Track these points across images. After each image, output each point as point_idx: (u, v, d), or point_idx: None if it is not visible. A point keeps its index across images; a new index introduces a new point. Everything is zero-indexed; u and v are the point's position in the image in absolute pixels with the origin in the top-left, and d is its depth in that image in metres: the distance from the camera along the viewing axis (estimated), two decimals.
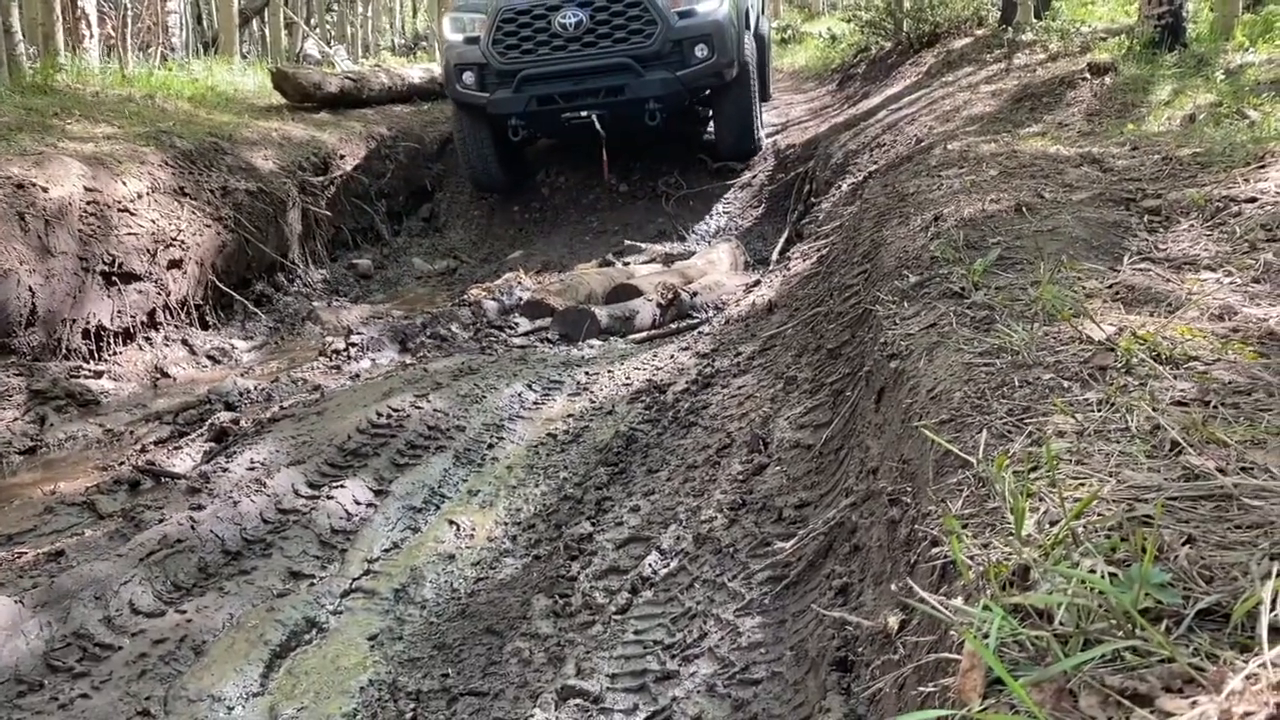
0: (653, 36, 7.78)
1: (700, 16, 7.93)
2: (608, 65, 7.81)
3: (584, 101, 7.91)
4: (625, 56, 7.79)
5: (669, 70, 7.89)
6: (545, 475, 3.54)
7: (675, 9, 7.85)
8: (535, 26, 7.82)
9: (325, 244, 8.27)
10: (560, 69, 7.84)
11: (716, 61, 8.00)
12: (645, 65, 7.83)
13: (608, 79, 7.85)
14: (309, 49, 14.38)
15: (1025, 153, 4.64)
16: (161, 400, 5.71)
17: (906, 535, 1.85)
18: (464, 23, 8.18)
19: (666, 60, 7.90)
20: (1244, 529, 1.29)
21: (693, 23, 7.90)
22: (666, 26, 7.79)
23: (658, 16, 7.76)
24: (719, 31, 7.95)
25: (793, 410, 3.22)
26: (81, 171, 6.25)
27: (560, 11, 7.75)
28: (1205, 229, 3.33)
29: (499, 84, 7.96)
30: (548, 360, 4.73)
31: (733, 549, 2.57)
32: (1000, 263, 2.89)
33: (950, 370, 2.09)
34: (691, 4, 7.93)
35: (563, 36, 7.78)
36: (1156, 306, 2.50)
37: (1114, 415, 1.68)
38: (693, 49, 7.91)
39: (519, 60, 7.88)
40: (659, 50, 7.82)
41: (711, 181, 9.19)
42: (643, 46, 7.80)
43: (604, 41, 7.81)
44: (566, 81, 7.86)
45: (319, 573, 2.95)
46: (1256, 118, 5.96)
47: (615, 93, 7.88)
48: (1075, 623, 1.09)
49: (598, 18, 7.77)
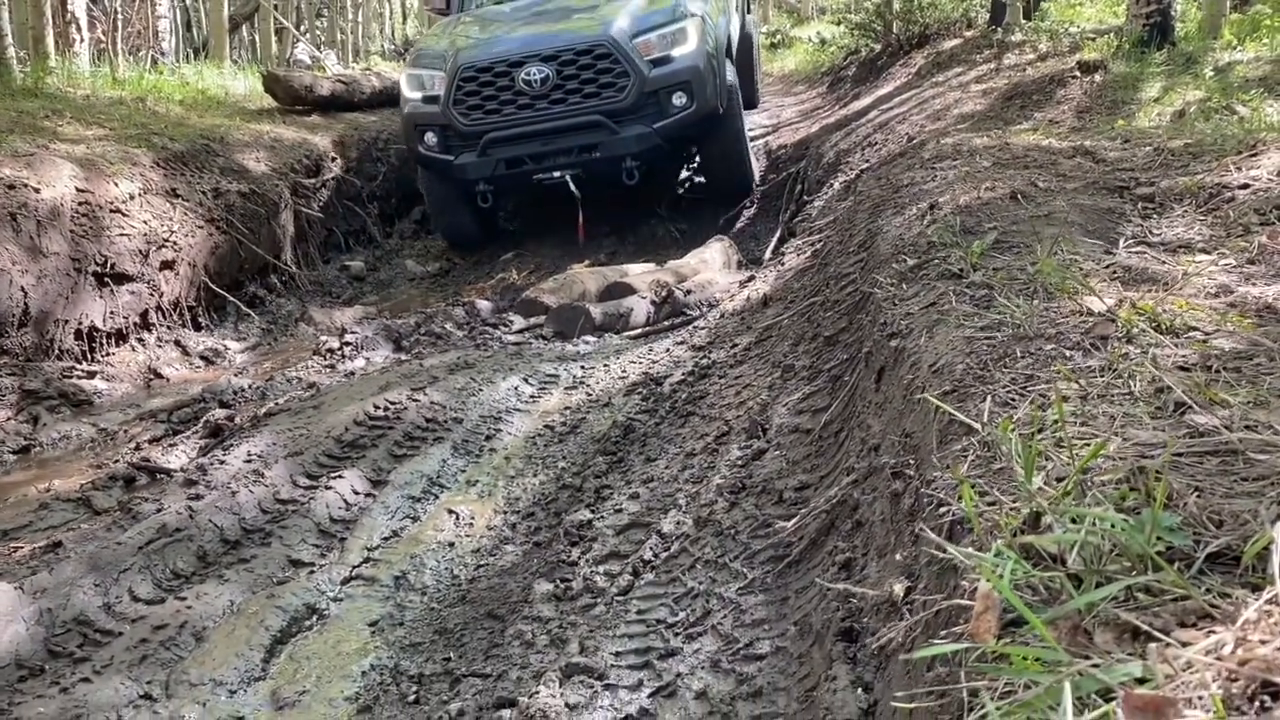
0: (625, 90, 7.15)
1: (676, 63, 7.28)
2: (578, 124, 7.21)
3: (555, 162, 7.34)
4: (596, 113, 7.18)
5: (645, 124, 7.25)
6: (543, 465, 3.54)
7: (648, 57, 7.21)
8: (498, 85, 7.22)
9: (318, 246, 8.26)
10: (528, 129, 7.25)
11: (697, 110, 7.36)
12: (619, 120, 7.21)
13: (579, 137, 7.26)
14: (299, 54, 14.38)
15: (1018, 146, 4.66)
16: (155, 400, 5.69)
17: (911, 506, 1.86)
18: (422, 80, 7.65)
19: (642, 114, 7.27)
20: (1251, 480, 1.30)
21: (668, 70, 7.26)
22: (640, 78, 7.15)
23: (629, 68, 7.12)
24: (698, 77, 7.33)
25: (790, 397, 3.23)
26: (73, 173, 6.23)
27: (524, 68, 7.13)
28: (1199, 214, 3.35)
29: (463, 147, 7.39)
30: (543, 355, 4.74)
31: (734, 531, 2.58)
32: (997, 246, 2.91)
33: (951, 345, 2.10)
34: (666, 49, 7.27)
35: (528, 94, 7.17)
36: (1154, 285, 2.51)
37: (1117, 380, 1.69)
38: (670, 98, 7.29)
39: (483, 121, 7.28)
40: (633, 104, 7.20)
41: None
42: (615, 101, 7.17)
43: (573, 98, 7.19)
44: (535, 142, 7.28)
45: (319, 561, 2.95)
46: (1245, 113, 6.00)
47: (588, 151, 7.30)
48: (1087, 564, 1.10)
49: (564, 73, 7.15)
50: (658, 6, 7.44)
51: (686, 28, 7.29)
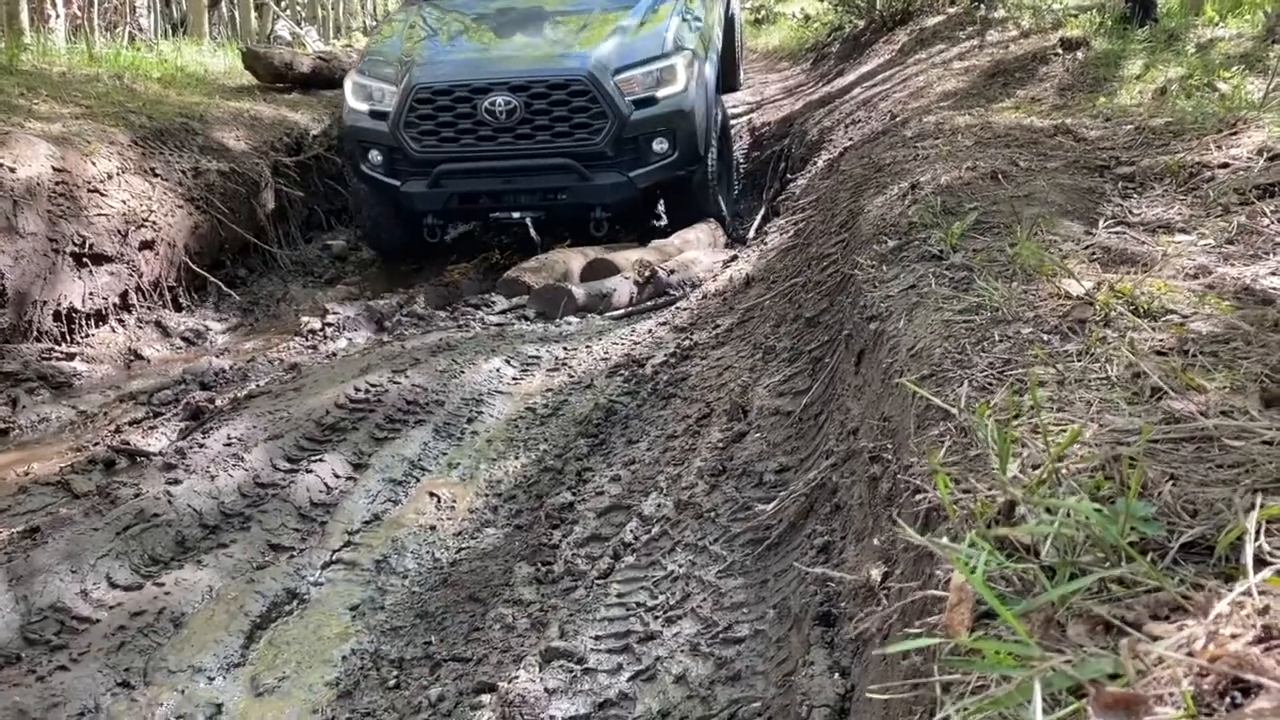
0: (602, 132, 6.28)
1: (662, 105, 6.41)
2: (545, 165, 6.34)
3: (516, 202, 6.52)
4: (567, 154, 6.30)
5: (621, 172, 6.38)
6: (525, 448, 3.53)
7: (631, 96, 6.35)
8: (457, 111, 6.34)
9: (299, 225, 8.19)
10: (487, 164, 6.41)
11: (680, 158, 6.54)
12: (592, 165, 6.33)
13: (545, 179, 6.40)
14: (280, 30, 14.24)
15: (1000, 124, 4.65)
16: (135, 382, 5.65)
17: (888, 490, 1.86)
18: (370, 91, 6.78)
19: (618, 159, 6.40)
20: (1226, 468, 1.30)
21: (653, 113, 6.40)
22: (619, 120, 6.27)
23: (608, 108, 6.24)
24: (684, 123, 6.48)
25: (772, 379, 3.23)
26: (49, 152, 6.16)
27: (488, 96, 6.24)
28: (1179, 194, 3.35)
29: (412, 173, 6.55)
30: (525, 337, 4.72)
31: (714, 513, 2.58)
32: (977, 226, 2.90)
33: (930, 328, 2.10)
34: (651, 89, 6.41)
35: (490, 125, 6.29)
36: (1133, 266, 2.51)
37: (1094, 365, 1.69)
38: (651, 145, 6.45)
39: (437, 150, 6.42)
40: (609, 148, 6.33)
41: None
42: (589, 143, 6.29)
43: (541, 135, 6.31)
44: (495, 178, 6.44)
45: (299, 545, 2.93)
46: (1227, 89, 6.00)
47: (554, 195, 6.47)
48: (1061, 555, 1.10)
49: (534, 106, 6.25)
50: (649, 32, 6.67)
51: (676, 65, 6.49)
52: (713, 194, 7.15)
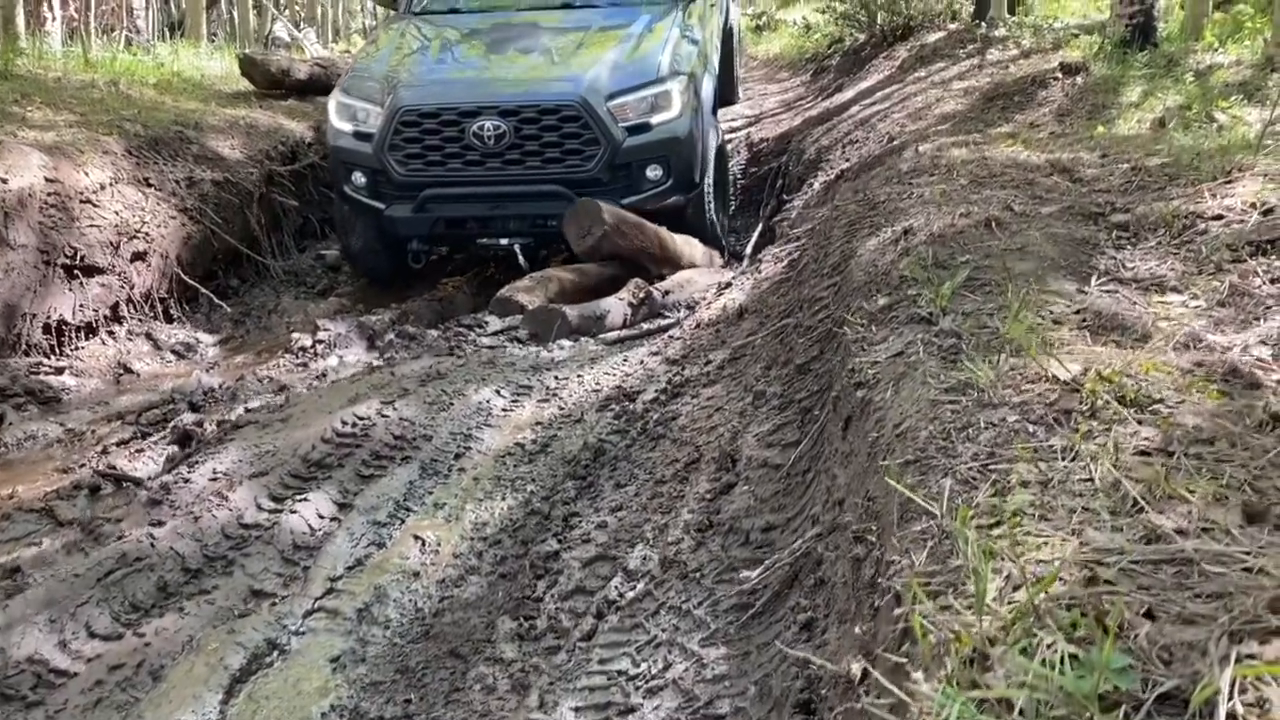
0: (594, 159, 6.13)
1: (656, 132, 6.26)
2: (535, 191, 6.21)
3: (504, 228, 6.39)
4: (557, 181, 6.16)
5: (612, 199, 6.21)
6: (512, 488, 3.51)
7: (624, 122, 6.19)
8: (444, 134, 6.19)
9: (293, 234, 8.17)
10: (475, 189, 6.26)
11: (674, 186, 6.39)
12: (583, 192, 6.17)
13: (534, 206, 6.26)
14: (278, 31, 14.19)
15: (996, 160, 4.64)
16: (124, 397, 5.63)
17: (871, 577, 1.85)
18: (354, 111, 6.56)
19: (610, 186, 6.24)
20: (1204, 599, 1.29)
21: (647, 140, 6.25)
22: (612, 146, 6.13)
23: (600, 134, 6.09)
24: (678, 150, 6.35)
25: (761, 427, 3.22)
26: (42, 162, 6.13)
27: (476, 119, 6.09)
28: (1172, 247, 3.35)
29: (397, 197, 6.39)
30: (516, 364, 4.70)
31: (699, 574, 2.57)
32: (969, 283, 2.89)
33: (916, 406, 2.09)
34: (645, 115, 6.25)
35: (479, 150, 6.14)
36: (1123, 335, 2.51)
37: (1078, 466, 1.68)
38: (644, 172, 6.31)
39: (423, 173, 6.27)
40: (601, 175, 6.19)
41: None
42: (580, 170, 6.15)
43: (531, 160, 6.17)
44: (482, 204, 6.30)
45: (281, 591, 2.92)
46: (1224, 121, 6.00)
47: (544, 222, 6.32)
48: (1034, 710, 1.09)
49: (524, 131, 6.10)
50: (644, 55, 6.52)
51: (671, 91, 6.33)
52: (709, 220, 7.02)
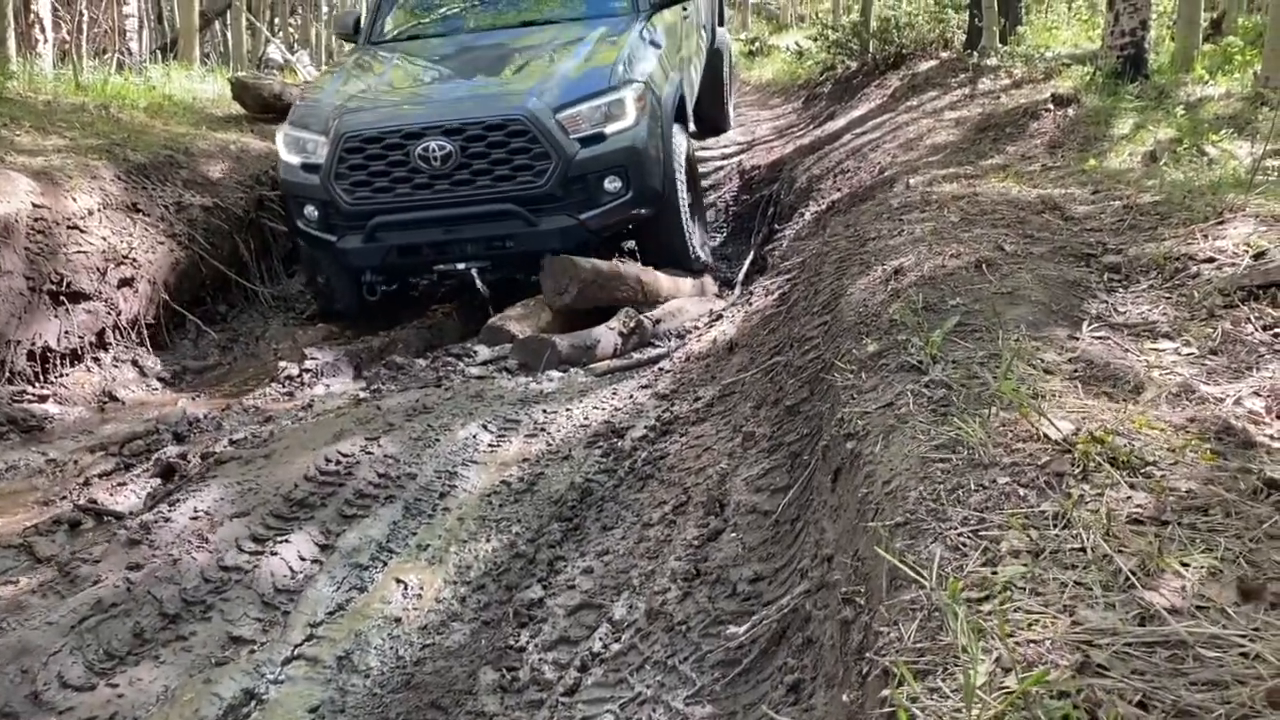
0: (546, 174, 5.88)
1: (610, 142, 6.03)
2: (487, 211, 5.96)
3: (460, 252, 6.15)
4: (510, 199, 5.92)
5: (569, 214, 5.99)
6: (497, 529, 3.47)
7: (576, 134, 5.95)
8: (390, 159, 5.95)
9: (282, 259, 8.12)
10: (425, 214, 6.01)
11: (634, 197, 6.15)
12: (538, 209, 5.95)
13: (488, 227, 6.02)
14: (271, 53, 14.20)
15: (987, 197, 4.63)
16: (108, 426, 5.57)
17: (859, 644, 1.81)
18: (302, 143, 6.31)
19: (566, 202, 6.00)
20: (1199, 687, 1.26)
21: (601, 151, 6.01)
22: (564, 160, 5.88)
23: (551, 147, 5.85)
24: (635, 159, 6.10)
25: (750, 470, 3.18)
26: (30, 187, 6.09)
27: (421, 141, 5.85)
28: (1164, 290, 3.33)
29: (348, 228, 6.14)
30: (505, 397, 4.66)
31: (685, 627, 2.52)
32: (960, 329, 2.86)
33: (906, 463, 2.05)
34: (599, 125, 6.02)
35: (425, 172, 5.90)
36: (1115, 386, 2.48)
37: (1069, 534, 1.64)
38: (601, 184, 6.06)
39: (370, 201, 6.01)
40: (555, 190, 5.94)
41: None
42: (533, 186, 5.90)
43: (481, 179, 5.91)
44: (434, 229, 6.04)
45: (260, 638, 2.86)
46: (1215, 155, 6.01)
47: (500, 242, 6.09)
48: None
49: (471, 150, 5.86)
50: (596, 65, 6.30)
51: (625, 99, 6.09)
52: (686, 234, 6.83)
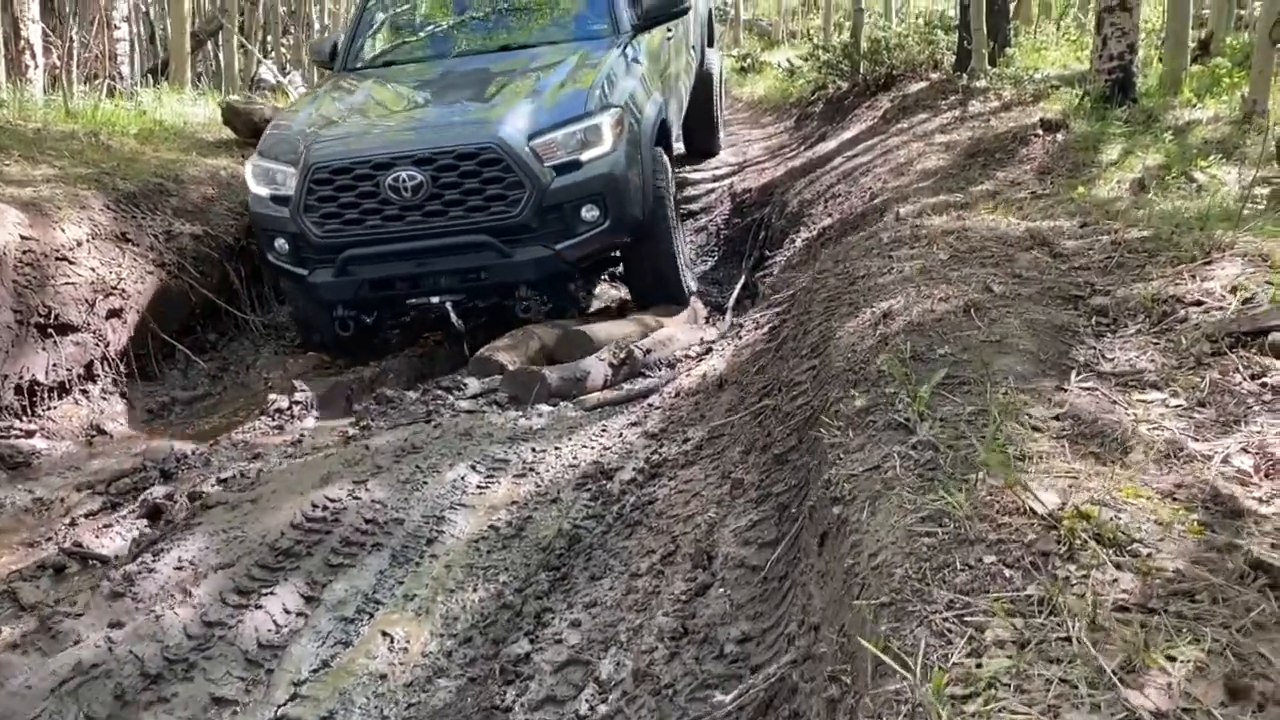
0: (520, 203, 5.72)
1: (587, 169, 5.86)
2: (460, 243, 5.81)
3: (434, 285, 6.01)
4: (483, 230, 5.77)
5: (545, 245, 5.85)
6: (484, 578, 3.44)
7: (551, 162, 5.78)
8: (359, 190, 5.79)
9: (272, 286, 8.10)
10: (396, 247, 5.86)
11: (613, 226, 6.00)
12: (512, 240, 5.80)
13: (460, 259, 5.85)
14: (263, 74, 14.21)
15: (976, 232, 4.62)
16: (96, 461, 5.55)
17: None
18: (271, 174, 6.17)
19: (541, 232, 5.84)
20: None
21: (577, 179, 5.84)
22: (538, 189, 5.71)
23: (525, 176, 5.68)
24: (614, 187, 5.93)
25: (738, 521, 3.16)
26: (18, 219, 6.07)
27: (391, 171, 5.69)
28: (1152, 336, 3.32)
29: (319, 261, 6.01)
30: (494, 435, 4.63)
31: (672, 690, 2.50)
32: (947, 381, 2.85)
33: (892, 535, 2.04)
34: (574, 152, 5.84)
35: (396, 204, 5.75)
36: (1102, 444, 2.47)
37: (1055, 622, 1.63)
38: (578, 213, 5.90)
39: (341, 234, 5.87)
40: (530, 220, 5.78)
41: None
42: (507, 216, 5.74)
43: (454, 210, 5.76)
44: (406, 261, 5.89)
45: (243, 698, 2.83)
46: (1204, 181, 6.02)
47: (474, 274, 5.94)
48: None
49: (443, 180, 5.70)
50: (572, 90, 6.13)
51: (601, 124, 5.93)
52: (680, 265, 6.77)
